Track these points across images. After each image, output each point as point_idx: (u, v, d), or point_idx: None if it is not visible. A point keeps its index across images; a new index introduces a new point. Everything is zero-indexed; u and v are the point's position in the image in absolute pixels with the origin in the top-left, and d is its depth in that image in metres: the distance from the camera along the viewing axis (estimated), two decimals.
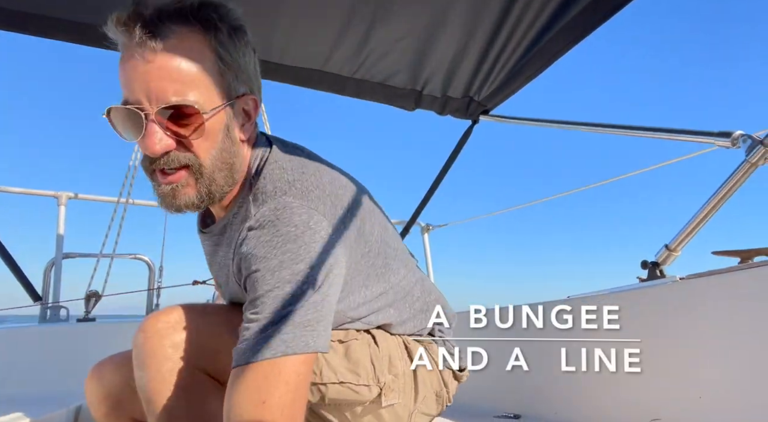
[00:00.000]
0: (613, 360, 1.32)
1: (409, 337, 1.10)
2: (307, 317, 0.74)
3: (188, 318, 0.85)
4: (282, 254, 0.76)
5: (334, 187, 0.88)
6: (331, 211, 0.83)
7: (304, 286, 0.75)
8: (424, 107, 2.17)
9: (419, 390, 1.04)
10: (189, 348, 0.83)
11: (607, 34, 1.70)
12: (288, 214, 0.79)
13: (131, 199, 2.94)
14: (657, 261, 1.35)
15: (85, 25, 1.68)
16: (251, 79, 0.87)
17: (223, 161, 0.84)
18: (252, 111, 0.87)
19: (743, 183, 1.19)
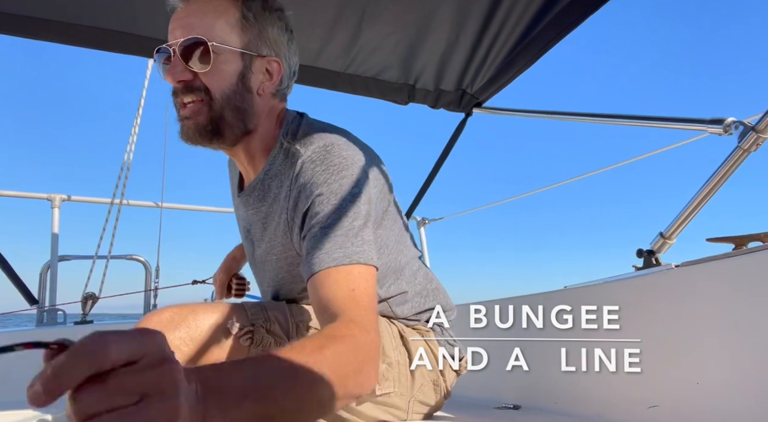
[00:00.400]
0: (610, 348, 1.33)
1: (405, 326, 1.11)
2: (367, 235, 0.86)
3: (181, 316, 0.87)
4: (341, 178, 0.88)
5: (365, 145, 1.00)
6: (366, 157, 0.95)
7: (363, 206, 0.87)
8: (417, 101, 2.17)
9: (415, 378, 1.05)
10: (182, 345, 0.85)
11: (597, 23, 1.71)
12: (337, 149, 0.91)
13: (125, 199, 2.93)
14: (652, 250, 1.36)
15: (79, 26, 1.67)
16: (278, 46, 0.98)
17: (233, 102, 0.94)
18: (275, 73, 0.98)
19: (736, 169, 1.20)
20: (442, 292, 1.20)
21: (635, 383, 1.22)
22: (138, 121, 3.06)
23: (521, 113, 2.02)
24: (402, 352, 1.06)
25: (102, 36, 1.72)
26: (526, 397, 1.53)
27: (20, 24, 1.63)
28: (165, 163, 3.19)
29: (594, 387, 1.34)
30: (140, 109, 3.06)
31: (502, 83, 2.05)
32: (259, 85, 0.97)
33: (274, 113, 1.02)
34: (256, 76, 0.96)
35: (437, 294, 1.18)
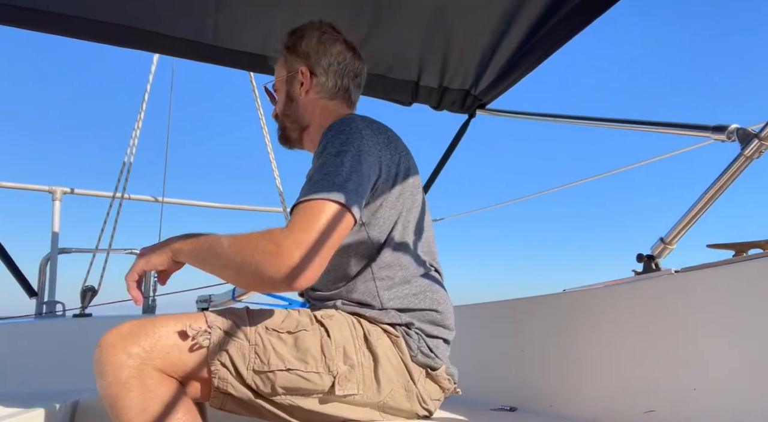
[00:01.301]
0: (608, 353, 1.33)
1: (375, 326, 1.09)
2: (338, 180, 0.97)
3: (140, 326, 0.94)
4: (335, 140, 1.05)
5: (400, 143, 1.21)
6: (384, 140, 1.13)
7: (346, 162, 1.00)
8: (420, 101, 2.17)
9: (382, 382, 1.04)
10: (142, 354, 0.91)
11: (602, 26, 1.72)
12: (348, 120, 1.11)
13: (127, 193, 2.94)
14: (652, 255, 1.36)
15: (83, 19, 1.68)
16: (307, 56, 1.28)
17: (286, 113, 1.33)
18: (306, 76, 1.28)
19: (738, 176, 1.20)
20: (443, 304, 1.18)
21: (632, 387, 1.22)
22: (142, 116, 3.06)
23: (524, 116, 2.02)
24: (366, 355, 1.04)
25: (109, 30, 1.72)
26: (523, 399, 1.53)
27: (26, 16, 1.63)
28: (167, 158, 3.20)
29: (590, 391, 1.34)
30: (144, 104, 3.06)
31: (506, 85, 2.05)
32: (298, 90, 1.29)
33: (328, 111, 1.28)
34: (295, 86, 1.30)
35: (435, 304, 1.16)
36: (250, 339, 0.98)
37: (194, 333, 0.95)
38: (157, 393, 0.90)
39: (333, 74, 1.28)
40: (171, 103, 3.27)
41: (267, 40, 1.84)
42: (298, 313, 1.05)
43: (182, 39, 1.80)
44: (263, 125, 3.40)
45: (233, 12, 1.70)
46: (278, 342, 0.99)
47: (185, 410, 0.93)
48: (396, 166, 1.14)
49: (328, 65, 1.28)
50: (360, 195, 1.01)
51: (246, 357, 0.96)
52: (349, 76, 1.30)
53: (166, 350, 0.93)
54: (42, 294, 2.35)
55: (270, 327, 1.00)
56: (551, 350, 1.50)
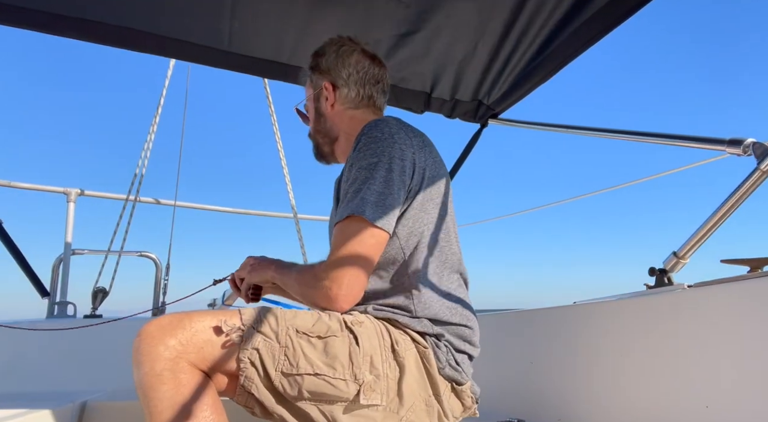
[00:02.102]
0: (619, 367, 1.31)
1: (405, 336, 1.08)
2: (371, 198, 1.05)
3: (178, 319, 0.96)
4: (366, 149, 1.09)
5: (434, 149, 1.23)
6: (418, 143, 1.16)
7: (374, 175, 1.06)
8: (433, 110, 2.17)
9: (404, 395, 1.03)
10: (178, 347, 0.92)
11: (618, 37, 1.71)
12: (382, 124, 1.13)
13: (140, 196, 2.96)
14: (665, 269, 1.34)
15: (101, 24, 1.70)
16: (329, 71, 1.34)
17: (317, 129, 1.39)
18: (330, 90, 1.34)
19: (754, 191, 1.18)
20: (467, 314, 1.17)
21: (642, 403, 1.21)
22: (157, 120, 3.10)
23: (536, 126, 2.01)
24: (392, 366, 1.04)
25: (127, 35, 1.75)
26: (531, 412, 1.51)
27: (44, 20, 1.66)
28: (180, 162, 3.23)
29: (600, 405, 1.32)
30: (159, 109, 3.10)
31: (519, 95, 2.05)
32: (325, 105, 1.35)
33: (356, 120, 1.32)
34: (321, 102, 1.36)
35: (465, 319, 1.15)
36: (281, 341, 0.98)
37: (228, 330, 0.96)
38: (188, 388, 0.92)
39: (354, 84, 1.32)
40: (186, 107, 3.30)
41: (281, 46, 1.86)
42: (329, 317, 1.05)
43: (198, 45, 1.82)
44: (276, 130, 3.42)
45: (248, 19, 1.72)
46: (308, 346, 0.99)
47: (213, 408, 0.93)
48: (431, 171, 1.16)
49: (348, 76, 1.32)
50: (392, 206, 1.07)
51: (275, 358, 0.97)
52: (371, 82, 1.33)
53: (200, 344, 0.95)
54: (54, 294, 2.37)
55: (301, 330, 1.00)
56: (560, 363, 1.49)
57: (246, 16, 1.71)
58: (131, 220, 2.86)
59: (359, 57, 1.34)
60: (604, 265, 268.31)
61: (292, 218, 3.42)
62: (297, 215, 3.41)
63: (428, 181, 1.15)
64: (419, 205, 1.13)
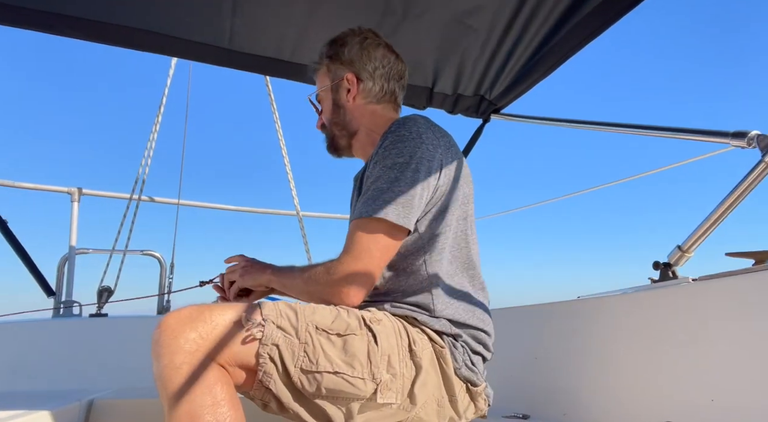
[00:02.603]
0: (624, 361, 1.31)
1: (422, 335, 1.08)
2: (394, 197, 1.04)
3: (199, 312, 0.95)
4: (393, 149, 1.08)
5: (457, 149, 1.21)
6: (445, 144, 1.15)
7: (406, 173, 1.06)
8: (435, 105, 2.17)
9: (417, 395, 1.03)
10: (198, 340, 0.91)
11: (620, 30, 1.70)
12: (410, 123, 1.12)
13: (143, 195, 2.97)
14: (669, 262, 1.34)
15: (103, 23, 1.70)
16: (352, 63, 1.30)
17: (334, 121, 1.33)
18: (353, 83, 1.30)
19: (758, 183, 1.18)
20: (490, 328, 1.18)
21: (647, 397, 1.20)
22: (159, 119, 3.10)
23: (539, 120, 2.01)
24: (408, 366, 1.04)
25: (128, 34, 1.75)
26: (536, 407, 1.52)
27: (44, 20, 1.66)
28: (183, 161, 3.23)
29: (605, 400, 1.32)
30: (161, 108, 3.10)
31: (521, 90, 2.04)
32: (345, 97, 1.30)
33: (377, 115, 1.31)
34: (341, 94, 1.31)
35: (482, 323, 1.16)
36: (301, 337, 0.98)
37: (249, 325, 0.95)
38: (207, 384, 0.91)
39: (379, 78, 1.30)
40: (188, 106, 3.30)
41: (283, 44, 1.86)
42: (348, 314, 1.04)
43: (199, 43, 1.82)
44: (278, 128, 3.42)
45: (249, 16, 1.72)
46: (327, 343, 0.99)
47: (230, 404, 0.92)
48: (456, 172, 1.16)
49: (373, 70, 1.30)
50: (414, 207, 1.07)
51: (295, 354, 0.96)
52: (395, 78, 1.32)
53: (220, 338, 0.94)
54: (59, 293, 2.38)
55: (320, 327, 1.00)
56: (565, 357, 1.49)
57: (247, 13, 1.70)
58: (135, 219, 2.87)
59: (385, 51, 1.32)
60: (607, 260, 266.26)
61: (296, 216, 3.42)
62: (300, 213, 3.41)
63: (454, 182, 1.14)
64: (444, 206, 1.13)
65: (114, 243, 2.79)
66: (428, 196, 1.10)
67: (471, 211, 1.22)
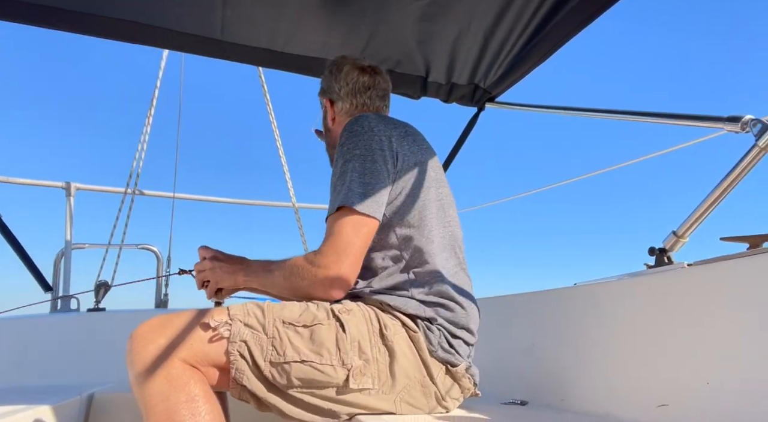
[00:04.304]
0: (620, 346, 1.32)
1: (395, 320, 1.10)
2: (358, 188, 1.10)
3: (167, 320, 1.02)
4: (349, 144, 1.16)
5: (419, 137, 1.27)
6: (400, 133, 1.20)
7: (360, 167, 1.12)
8: (429, 95, 2.16)
9: (396, 377, 1.05)
10: (168, 345, 0.98)
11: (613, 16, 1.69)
12: (361, 119, 1.20)
13: (138, 189, 2.96)
14: (665, 248, 1.35)
15: (92, 16, 1.68)
16: (330, 90, 1.41)
17: (328, 142, 1.47)
18: (329, 109, 1.42)
19: (752, 168, 1.18)
20: (470, 310, 1.18)
21: (644, 381, 1.22)
22: (152, 112, 3.08)
23: (534, 108, 2.00)
24: (381, 350, 1.06)
25: (118, 26, 1.73)
26: (534, 393, 1.53)
27: (34, 12, 1.65)
28: (178, 153, 3.22)
29: (602, 385, 1.34)
30: (154, 100, 3.08)
31: (516, 77, 2.04)
32: (329, 121, 1.43)
33: None
34: (327, 119, 1.44)
35: (459, 305, 1.16)
36: (268, 332, 1.02)
37: (216, 325, 1.01)
38: (180, 383, 0.96)
39: (347, 96, 1.39)
40: (181, 98, 3.28)
41: (275, 34, 1.84)
42: (316, 307, 1.08)
43: (190, 34, 1.81)
44: (272, 120, 3.41)
45: (240, 7, 1.70)
46: (294, 335, 1.03)
47: (205, 399, 0.97)
48: (416, 157, 1.20)
49: (339, 90, 1.39)
50: (377, 193, 1.11)
51: (263, 349, 1.01)
52: (361, 91, 1.38)
53: (190, 341, 0.99)
54: (57, 288, 2.38)
55: (287, 321, 1.04)
56: (562, 344, 1.50)
57: (239, 4, 1.69)
58: (130, 213, 2.87)
59: (349, 69, 1.39)
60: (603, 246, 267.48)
61: (291, 207, 3.42)
62: (296, 204, 3.41)
63: (414, 167, 1.18)
64: (408, 192, 1.17)
65: (110, 237, 2.79)
66: (389, 182, 1.14)
67: (445, 193, 1.26)
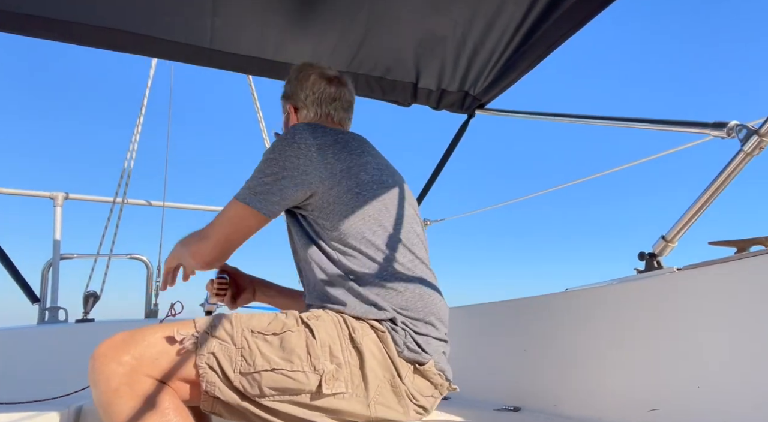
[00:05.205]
0: (612, 351, 1.33)
1: (362, 323, 1.10)
2: (260, 188, 1.17)
3: (131, 336, 1.00)
4: (270, 149, 1.23)
5: (354, 144, 1.27)
6: (328, 142, 1.22)
7: (266, 170, 1.18)
8: (419, 102, 2.17)
9: (368, 379, 1.05)
10: (132, 361, 0.96)
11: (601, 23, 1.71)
12: (293, 129, 1.24)
13: (127, 198, 2.94)
14: (654, 253, 1.36)
15: (80, 25, 1.68)
16: (304, 99, 1.40)
17: None
18: (292, 114, 1.43)
19: (739, 173, 1.20)
20: (428, 301, 1.18)
21: (636, 386, 1.22)
22: (141, 120, 3.07)
23: (523, 115, 2.02)
24: (352, 353, 1.06)
25: (106, 35, 1.73)
26: (527, 399, 1.53)
27: (21, 22, 1.64)
28: (167, 162, 3.20)
29: (594, 390, 1.34)
30: (143, 109, 3.06)
31: (506, 84, 2.05)
32: (290, 126, 1.35)
33: None
34: (288, 124, 1.44)
35: (415, 299, 1.16)
36: (237, 343, 1.01)
37: (181, 338, 0.99)
38: (147, 398, 0.94)
39: (312, 104, 1.39)
40: (170, 107, 3.27)
41: (264, 42, 1.84)
42: (285, 316, 1.08)
43: (179, 43, 1.80)
44: (262, 127, 3.41)
45: (229, 15, 1.70)
46: (264, 344, 1.02)
47: (176, 412, 0.95)
48: (346, 163, 1.21)
49: (305, 98, 1.40)
50: (270, 192, 1.17)
51: (232, 360, 1.00)
52: (327, 102, 1.39)
53: (155, 356, 0.98)
54: (44, 300, 2.34)
55: (256, 330, 1.04)
56: (554, 349, 1.50)
57: (227, 12, 1.69)
58: (119, 223, 2.84)
59: (315, 78, 1.40)
60: (593, 252, 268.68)
61: None
62: None
63: (341, 174, 1.19)
64: (339, 197, 1.18)
65: (99, 247, 2.76)
66: (292, 186, 1.17)
67: (385, 195, 1.25)
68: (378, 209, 1.21)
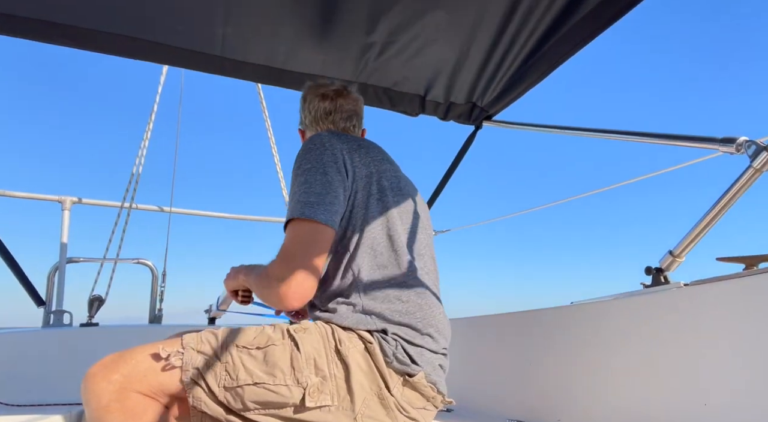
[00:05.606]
0: (617, 367, 1.32)
1: (351, 333, 1.09)
2: (309, 199, 1.10)
3: (119, 356, 1.02)
4: (301, 160, 1.19)
5: (375, 151, 1.29)
6: (352, 146, 1.24)
7: (311, 179, 1.14)
8: (427, 113, 2.18)
9: (354, 392, 1.04)
10: (121, 379, 0.99)
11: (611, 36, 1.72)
12: (314, 137, 1.23)
13: (135, 203, 2.96)
14: (661, 267, 1.35)
15: (93, 31, 1.70)
16: (305, 120, 1.44)
17: None
18: (303, 137, 1.47)
19: (747, 189, 1.19)
20: (427, 313, 1.15)
21: (641, 401, 1.21)
22: (150, 127, 3.09)
23: (531, 127, 2.02)
24: (338, 366, 1.05)
25: (119, 42, 1.75)
26: (530, 413, 1.52)
27: (35, 27, 1.66)
28: (176, 168, 3.22)
29: (599, 404, 1.33)
30: (153, 115, 3.09)
31: (513, 97, 2.06)
32: None
33: None
34: None
35: (414, 310, 1.14)
36: (221, 358, 1.03)
37: (167, 355, 1.01)
38: (136, 413, 0.97)
39: (311, 123, 1.43)
40: (180, 113, 3.29)
41: (274, 51, 1.86)
42: (273, 329, 1.09)
43: (191, 50, 1.82)
44: (270, 135, 3.43)
45: (241, 24, 1.72)
46: (248, 358, 1.04)
47: None
48: (367, 169, 1.22)
49: (305, 118, 1.44)
50: (327, 201, 1.11)
51: (217, 374, 1.02)
52: (322, 118, 1.41)
53: (143, 373, 1.00)
54: (50, 303, 2.35)
55: (241, 345, 1.05)
56: (559, 363, 1.49)
57: (239, 21, 1.71)
58: (126, 228, 2.86)
59: (311, 98, 1.43)
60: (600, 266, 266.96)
61: None
62: None
63: (365, 179, 1.20)
64: (359, 203, 1.18)
65: (105, 251, 2.77)
66: (342, 192, 1.16)
67: (401, 203, 1.26)
68: (394, 216, 1.21)
